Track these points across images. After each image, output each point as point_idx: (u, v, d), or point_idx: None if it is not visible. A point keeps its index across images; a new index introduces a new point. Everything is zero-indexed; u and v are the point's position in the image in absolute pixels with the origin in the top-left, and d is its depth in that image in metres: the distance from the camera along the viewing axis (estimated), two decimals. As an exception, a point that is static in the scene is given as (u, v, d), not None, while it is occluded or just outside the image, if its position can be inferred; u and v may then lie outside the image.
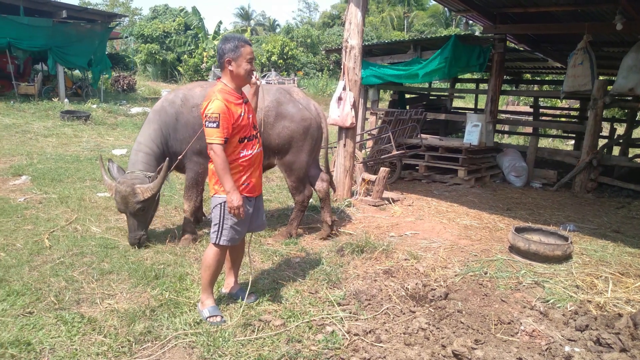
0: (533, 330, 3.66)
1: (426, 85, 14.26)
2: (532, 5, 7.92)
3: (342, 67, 6.75)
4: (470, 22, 47.88)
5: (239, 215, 3.45)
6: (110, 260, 4.68)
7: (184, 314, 3.74)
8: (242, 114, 3.48)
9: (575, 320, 3.79)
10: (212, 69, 26.73)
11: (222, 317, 3.70)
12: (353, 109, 6.63)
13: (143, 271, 4.40)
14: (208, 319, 3.65)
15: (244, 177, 3.57)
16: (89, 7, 23.46)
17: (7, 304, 3.74)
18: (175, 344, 3.35)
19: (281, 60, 32.86)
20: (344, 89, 6.66)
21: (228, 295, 4.06)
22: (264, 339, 3.46)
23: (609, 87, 8.55)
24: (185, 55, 29.55)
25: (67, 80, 18.07)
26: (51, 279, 4.21)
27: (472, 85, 16.86)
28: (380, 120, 10.91)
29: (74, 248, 4.94)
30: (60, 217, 5.94)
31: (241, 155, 3.52)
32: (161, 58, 29.97)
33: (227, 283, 4.12)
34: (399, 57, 10.54)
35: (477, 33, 13.91)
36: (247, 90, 3.79)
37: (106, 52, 20.02)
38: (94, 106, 16.47)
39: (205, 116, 3.34)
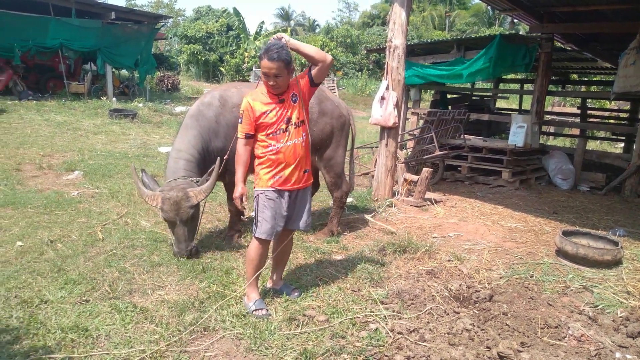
0: (581, 335, 3.59)
1: (468, 85, 14.04)
2: (582, 4, 7.71)
3: (385, 66, 6.75)
4: (516, 21, 46.65)
5: (238, 206, 3.71)
6: (160, 253, 4.85)
7: (230, 306, 3.85)
8: (269, 113, 3.59)
9: (626, 326, 3.70)
10: (253, 69, 27.07)
11: (267, 310, 3.79)
12: (396, 109, 6.62)
13: (191, 264, 4.55)
14: (254, 312, 3.74)
15: (275, 170, 3.66)
16: (135, 8, 24.12)
17: (65, 291, 3.93)
18: (224, 335, 3.46)
19: (321, 60, 32.93)
20: (387, 88, 6.66)
21: (273, 291, 4.14)
22: (309, 333, 3.52)
23: (663, 88, 8.21)
24: (227, 56, 30.02)
25: (115, 79, 18.67)
26: (105, 269, 4.40)
27: (516, 86, 16.50)
28: (422, 120, 10.84)
29: (125, 241, 5.13)
30: (112, 211, 6.18)
31: (268, 149, 3.63)
32: (203, 58, 30.56)
33: (271, 278, 4.21)
34: (442, 56, 10.43)
35: (521, 32, 13.59)
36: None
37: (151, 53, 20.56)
38: (140, 105, 16.97)
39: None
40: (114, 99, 17.17)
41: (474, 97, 13.76)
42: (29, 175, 7.99)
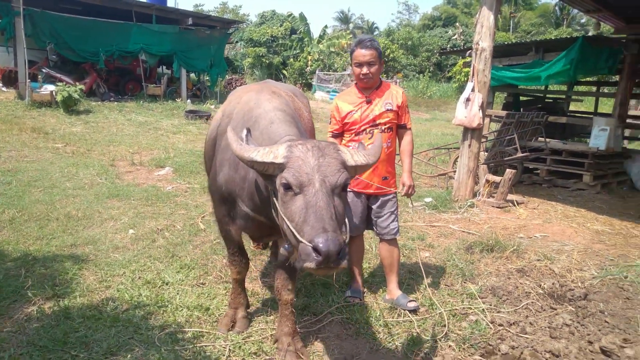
0: (687, 335, 3.59)
1: (542, 87, 13.76)
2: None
3: (471, 69, 6.83)
4: (582, 21, 44.91)
5: None
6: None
7: (333, 294, 4.11)
8: (354, 113, 3.78)
9: None
10: (317, 72, 27.48)
11: (360, 299, 4.01)
12: (481, 110, 6.70)
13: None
14: (347, 298, 4.02)
15: None
16: (210, 14, 25.08)
17: (182, 275, 4.32)
18: (332, 319, 3.71)
19: (382, 63, 33.01)
20: (472, 90, 6.74)
21: (389, 302, 4.03)
22: (411, 321, 3.72)
23: None
24: (291, 59, 30.65)
25: (188, 82, 19.50)
26: (213, 256, 4.77)
27: (590, 88, 15.96)
28: (493, 122, 10.76)
29: (223, 231, 5.51)
30: (206, 204, 6.58)
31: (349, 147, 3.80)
32: (267, 61, 31.32)
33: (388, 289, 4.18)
34: (518, 58, 10.33)
35: (589, 32, 13.14)
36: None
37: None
38: (212, 107, 17.68)
39: None
40: (188, 100, 17.97)
41: (546, 100, 13.47)
42: (124, 170, 8.62)
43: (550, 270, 4.80)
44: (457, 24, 40.55)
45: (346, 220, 2.53)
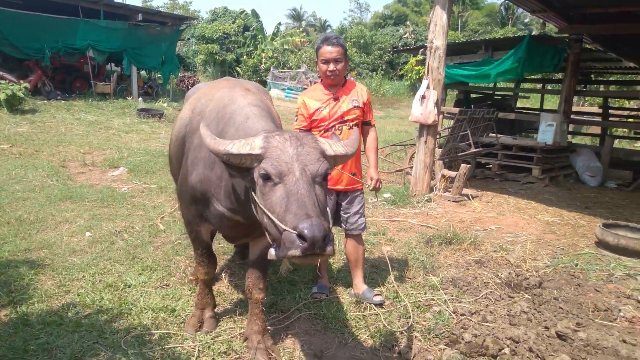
0: (633, 317, 3.83)
1: (491, 85, 14.24)
2: (614, 5, 7.85)
3: (426, 67, 7.00)
4: (527, 20, 46.88)
5: None
6: (221, 242, 5.12)
7: (300, 291, 4.14)
8: (322, 110, 3.80)
9: (674, 310, 3.92)
10: (271, 69, 27.34)
11: (327, 295, 4.07)
12: (436, 107, 6.88)
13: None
14: (313, 294, 4.07)
15: None
16: (161, 10, 24.45)
17: (145, 277, 4.24)
18: (300, 316, 3.74)
19: (335, 61, 33.15)
20: (428, 87, 6.91)
21: (355, 296, 4.08)
22: (377, 314, 3.80)
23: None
24: (245, 56, 30.37)
25: (139, 79, 18.99)
26: (175, 257, 4.70)
27: (536, 85, 16.64)
28: (446, 119, 11.04)
29: (185, 232, 5.42)
30: (164, 204, 6.48)
31: None
32: (221, 58, 30.92)
33: (353, 284, 4.23)
34: (469, 57, 10.62)
35: (532, 32, 13.70)
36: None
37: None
38: (165, 104, 17.32)
39: None
40: (140, 98, 17.52)
41: (495, 97, 13.94)
42: (75, 171, 8.33)
43: (506, 261, 5.00)
44: (408, 22, 41.24)
45: (328, 209, 2.49)
